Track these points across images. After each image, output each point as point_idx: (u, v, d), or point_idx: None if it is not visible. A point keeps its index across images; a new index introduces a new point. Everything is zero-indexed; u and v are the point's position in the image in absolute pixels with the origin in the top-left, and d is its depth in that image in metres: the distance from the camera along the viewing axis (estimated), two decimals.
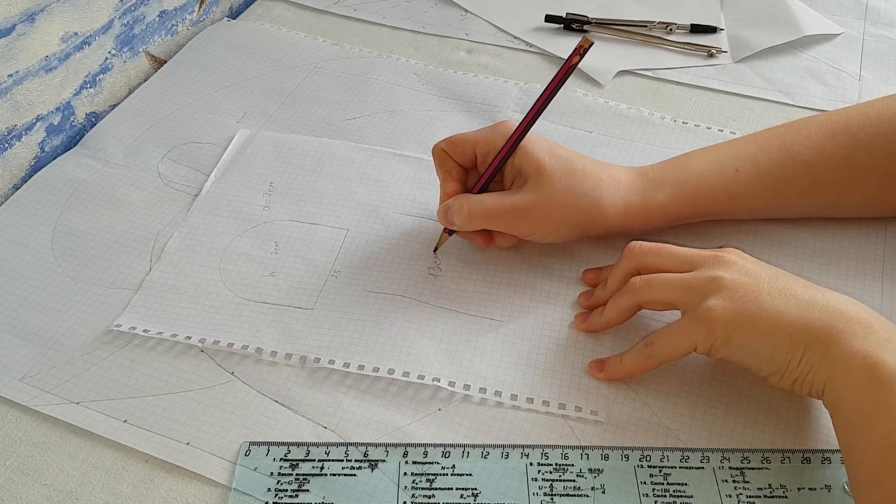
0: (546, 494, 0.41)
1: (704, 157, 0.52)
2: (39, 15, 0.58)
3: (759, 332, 0.40)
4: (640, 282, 0.45)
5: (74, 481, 0.42)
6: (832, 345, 0.39)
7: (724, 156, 0.51)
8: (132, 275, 0.53)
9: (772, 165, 0.51)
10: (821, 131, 0.51)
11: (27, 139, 0.60)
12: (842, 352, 0.38)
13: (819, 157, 0.50)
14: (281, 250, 0.54)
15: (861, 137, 0.50)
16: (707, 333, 0.41)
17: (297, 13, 0.77)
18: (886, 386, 0.36)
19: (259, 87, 0.68)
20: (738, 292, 0.41)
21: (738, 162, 0.51)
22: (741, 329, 0.40)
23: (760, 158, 0.51)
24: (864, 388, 0.37)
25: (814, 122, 0.52)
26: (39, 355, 0.48)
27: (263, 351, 0.48)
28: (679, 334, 0.43)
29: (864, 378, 0.37)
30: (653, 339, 0.44)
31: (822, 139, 0.51)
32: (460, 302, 0.50)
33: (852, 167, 0.50)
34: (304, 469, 0.42)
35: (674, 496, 0.41)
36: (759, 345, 0.41)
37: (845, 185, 0.51)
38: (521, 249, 0.53)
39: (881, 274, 0.52)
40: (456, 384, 0.46)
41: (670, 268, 0.45)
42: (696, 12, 0.75)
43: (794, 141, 0.51)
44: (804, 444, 0.43)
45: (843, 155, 0.50)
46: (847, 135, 0.50)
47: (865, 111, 0.51)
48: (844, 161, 0.50)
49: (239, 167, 0.60)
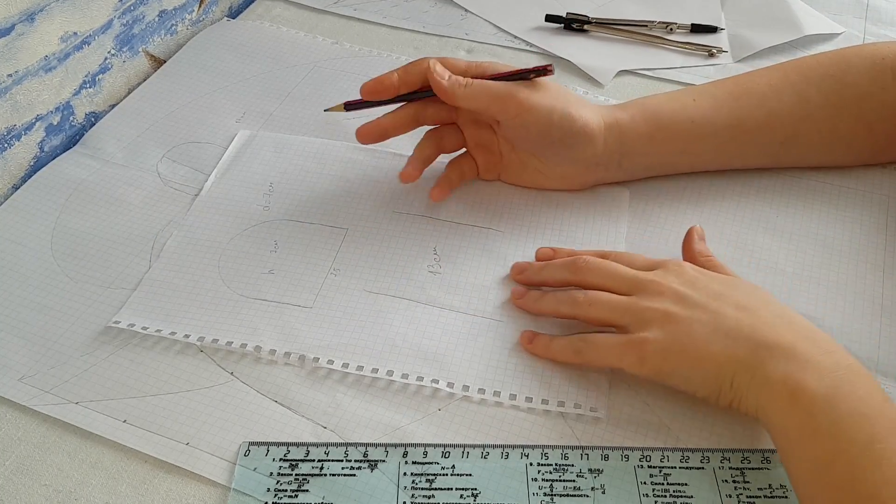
0: (546, 494, 0.41)
1: (665, 94, 0.56)
2: (39, 15, 0.58)
3: (688, 362, 0.42)
4: (582, 298, 0.46)
5: (74, 481, 0.42)
6: (756, 372, 0.40)
7: (682, 92, 0.56)
8: (132, 275, 0.52)
9: (726, 97, 0.54)
10: (771, 72, 0.56)
11: (27, 139, 0.60)
12: (766, 378, 0.39)
13: (771, 91, 0.54)
14: (280, 249, 0.54)
15: (811, 77, 0.54)
16: (637, 361, 0.43)
17: (297, 13, 0.77)
18: (807, 409, 0.37)
19: (259, 86, 0.68)
20: (671, 322, 0.42)
21: (694, 94, 0.55)
22: (671, 359, 0.42)
23: (714, 91, 0.55)
24: (788, 413, 0.38)
25: (766, 67, 0.57)
26: (39, 355, 0.48)
27: (262, 349, 0.48)
28: (610, 351, 0.44)
29: (788, 403, 0.38)
30: (587, 340, 0.45)
31: (773, 77, 0.55)
32: (459, 301, 0.50)
33: (803, 101, 0.54)
34: (304, 469, 0.42)
35: (674, 496, 0.41)
36: (689, 373, 0.42)
37: (799, 119, 0.54)
38: (520, 247, 0.53)
39: (882, 265, 0.52)
40: (455, 385, 0.46)
41: (611, 287, 0.46)
42: (697, 12, 0.75)
43: (746, 79, 0.56)
44: None
45: (794, 90, 0.54)
46: (797, 74, 0.55)
47: (817, 57, 0.56)
48: (796, 96, 0.54)
49: (239, 167, 0.60)
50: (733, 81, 0.56)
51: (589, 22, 0.73)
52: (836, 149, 0.57)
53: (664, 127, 0.54)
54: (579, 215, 0.56)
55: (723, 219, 0.55)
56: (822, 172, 0.58)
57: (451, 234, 0.55)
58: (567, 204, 0.56)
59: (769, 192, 0.57)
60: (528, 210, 0.56)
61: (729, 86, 0.55)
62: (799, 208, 0.56)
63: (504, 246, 0.54)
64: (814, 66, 0.55)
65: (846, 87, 0.54)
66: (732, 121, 0.54)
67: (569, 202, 0.56)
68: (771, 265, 0.53)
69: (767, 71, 0.56)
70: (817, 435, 0.37)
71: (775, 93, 0.54)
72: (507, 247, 0.54)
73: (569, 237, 0.54)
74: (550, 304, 0.48)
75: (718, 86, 0.56)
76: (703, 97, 0.55)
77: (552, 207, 0.56)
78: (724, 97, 0.54)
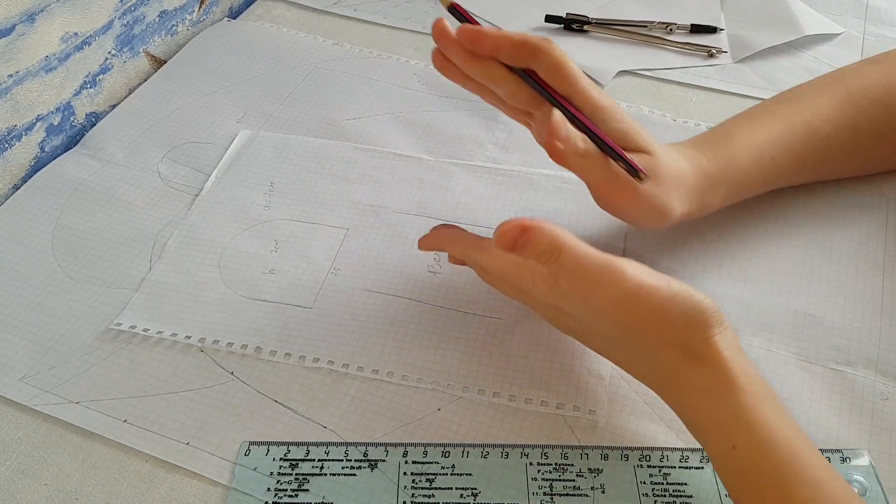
0: (546, 494, 0.41)
1: (749, 148, 0.51)
2: (39, 15, 0.58)
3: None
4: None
5: (74, 481, 0.42)
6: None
7: (762, 142, 0.51)
8: (132, 275, 0.53)
9: (799, 147, 0.52)
10: (830, 104, 0.52)
11: (27, 139, 0.60)
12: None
13: (833, 130, 0.52)
14: (281, 248, 0.54)
15: (861, 105, 0.52)
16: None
17: (297, 13, 0.78)
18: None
19: (259, 87, 0.68)
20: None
21: (774, 149, 0.51)
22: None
23: (791, 141, 0.52)
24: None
25: (821, 94, 0.53)
26: (39, 355, 0.48)
27: (263, 350, 0.48)
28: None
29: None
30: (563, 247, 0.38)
31: (832, 112, 0.52)
32: (459, 300, 0.50)
33: (856, 136, 0.53)
34: (304, 469, 0.42)
35: (673, 496, 0.41)
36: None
37: (850, 154, 0.54)
38: None
39: (882, 265, 0.52)
40: (455, 386, 0.46)
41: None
42: (696, 12, 0.75)
43: (813, 118, 0.52)
44: None
45: (850, 125, 0.52)
46: (852, 104, 0.52)
47: (861, 79, 0.53)
48: (850, 131, 0.52)
49: (240, 167, 0.60)
50: (803, 122, 0.52)
51: (589, 22, 0.73)
52: (869, 168, 0.57)
53: (741, 192, 0.52)
54: (580, 214, 0.56)
55: (723, 218, 0.55)
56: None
57: None
58: (567, 203, 0.56)
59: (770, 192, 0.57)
60: (528, 209, 0.56)
61: (800, 129, 0.52)
62: (799, 208, 0.56)
63: None
64: (863, 90, 0.53)
65: (891, 115, 0.53)
66: (797, 171, 0.53)
67: (570, 199, 0.56)
68: (771, 265, 0.53)
69: (828, 100, 0.53)
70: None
71: (835, 131, 0.52)
72: None
73: None
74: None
75: (791, 131, 0.51)
76: (782, 154, 0.51)
77: (553, 206, 0.56)
78: (798, 146, 0.52)
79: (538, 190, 0.58)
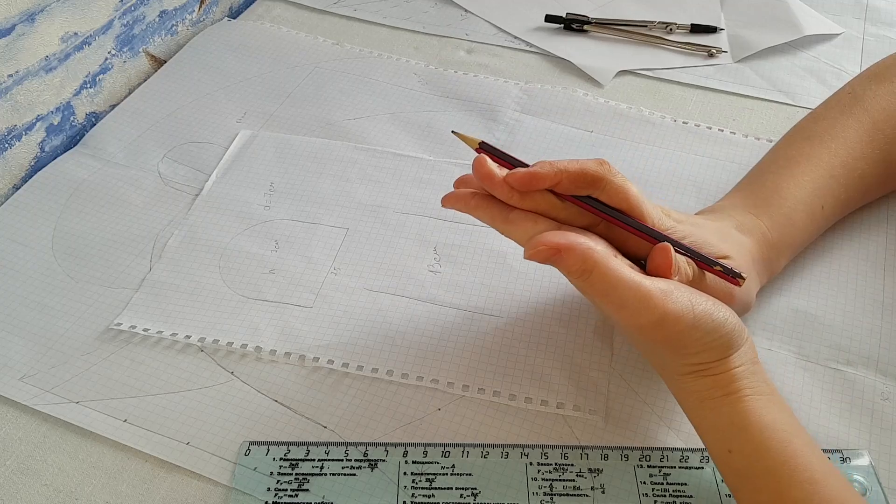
0: (546, 494, 0.41)
1: (801, 203, 0.49)
2: (39, 15, 0.58)
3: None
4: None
5: (74, 481, 0.42)
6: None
7: (809, 195, 0.50)
8: (132, 274, 0.53)
9: (842, 192, 0.51)
10: (860, 137, 0.52)
11: (27, 139, 0.60)
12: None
13: (867, 165, 0.52)
14: (281, 248, 0.54)
15: (889, 134, 0.52)
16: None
17: (298, 13, 0.78)
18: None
19: (259, 86, 0.68)
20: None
21: (822, 199, 0.50)
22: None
23: (835, 187, 0.51)
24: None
25: (848, 127, 0.52)
26: (39, 355, 0.48)
27: (262, 349, 0.48)
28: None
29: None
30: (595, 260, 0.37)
31: (864, 147, 0.51)
32: (459, 300, 0.50)
33: (888, 166, 0.53)
34: (304, 469, 0.42)
35: (673, 496, 0.41)
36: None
37: (882, 184, 0.54)
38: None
39: (882, 264, 0.52)
40: (455, 384, 0.46)
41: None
42: (696, 12, 0.75)
43: (847, 156, 0.51)
44: None
45: (881, 158, 0.52)
46: (881, 136, 0.52)
47: (880, 102, 0.53)
48: (883, 164, 0.52)
49: (240, 167, 0.60)
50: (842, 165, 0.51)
51: (589, 22, 0.73)
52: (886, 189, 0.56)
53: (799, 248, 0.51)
54: None
55: None
56: None
57: (451, 233, 0.55)
58: None
59: None
60: None
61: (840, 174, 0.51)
62: None
63: (504, 244, 0.54)
64: (887, 118, 0.52)
65: None
66: (843, 211, 0.53)
67: None
68: None
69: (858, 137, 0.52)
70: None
71: (869, 167, 0.52)
72: (507, 245, 0.54)
73: None
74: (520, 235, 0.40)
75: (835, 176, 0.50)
76: (829, 202, 0.50)
77: None
78: (841, 192, 0.51)
79: None
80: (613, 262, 0.37)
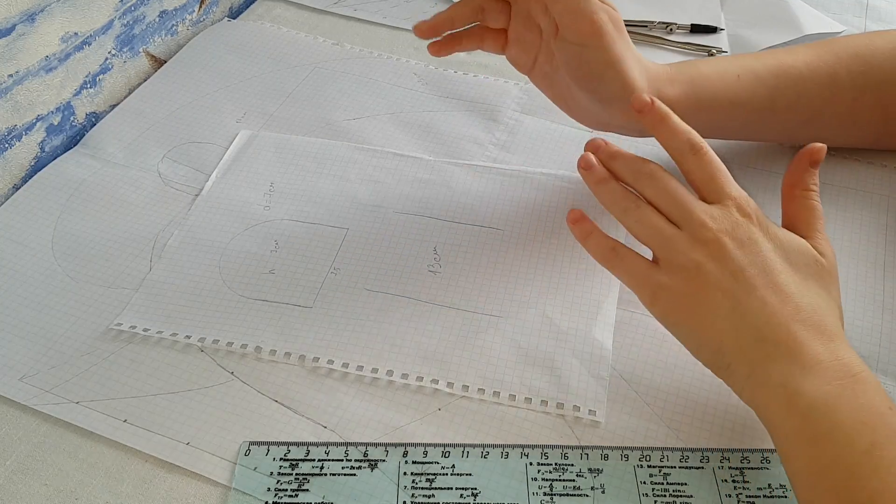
0: (546, 494, 0.41)
1: (712, 63, 0.55)
2: (39, 15, 0.58)
3: (692, 325, 0.41)
4: (633, 211, 0.44)
5: (74, 481, 0.42)
6: (756, 369, 0.39)
7: (728, 63, 0.55)
8: (132, 275, 0.53)
9: (767, 75, 0.54)
10: (808, 49, 0.56)
11: (27, 139, 0.60)
12: (763, 380, 0.39)
13: (807, 69, 0.54)
14: (281, 248, 0.54)
15: (842, 56, 0.55)
16: (649, 300, 0.42)
17: (298, 13, 0.78)
18: (804, 415, 0.37)
19: (259, 86, 0.68)
20: (696, 278, 0.41)
21: (740, 69, 0.54)
22: (678, 313, 0.41)
23: (758, 67, 0.54)
24: (784, 418, 0.38)
25: (802, 44, 0.57)
26: (39, 355, 0.48)
27: (262, 349, 0.48)
28: (632, 276, 0.43)
29: (784, 409, 0.38)
30: (619, 253, 0.44)
31: (809, 55, 0.55)
32: (460, 300, 0.50)
33: (833, 82, 0.54)
34: (304, 469, 0.42)
35: (673, 496, 0.41)
36: (690, 334, 0.42)
37: (826, 99, 0.55)
38: (521, 245, 0.53)
39: (882, 265, 0.52)
40: (455, 385, 0.46)
41: (664, 209, 0.43)
42: (697, 12, 0.75)
43: (785, 55, 0.55)
44: None
45: (827, 70, 0.54)
46: (831, 54, 0.55)
47: (847, 39, 0.57)
48: (827, 76, 0.54)
49: (240, 167, 0.60)
50: (773, 56, 0.55)
51: None
52: (852, 131, 0.57)
53: (704, 105, 0.53)
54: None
55: None
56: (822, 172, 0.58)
57: (451, 233, 0.55)
58: (569, 200, 0.56)
59: (770, 191, 0.57)
60: (529, 208, 0.56)
61: (771, 62, 0.55)
62: None
63: (504, 245, 0.54)
64: (844, 46, 0.55)
65: (871, 69, 0.54)
66: (767, 101, 0.54)
67: (571, 198, 0.56)
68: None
69: (804, 48, 0.56)
70: (815, 440, 0.36)
71: (810, 72, 0.54)
72: (507, 245, 0.54)
73: (569, 235, 0.54)
74: (605, 196, 0.45)
75: (763, 60, 0.55)
76: (747, 74, 0.54)
77: (553, 205, 0.56)
78: (766, 75, 0.54)
79: (538, 189, 0.57)
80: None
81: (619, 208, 0.44)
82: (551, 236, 0.54)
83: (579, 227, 0.46)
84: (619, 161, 0.46)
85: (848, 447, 0.35)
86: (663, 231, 0.42)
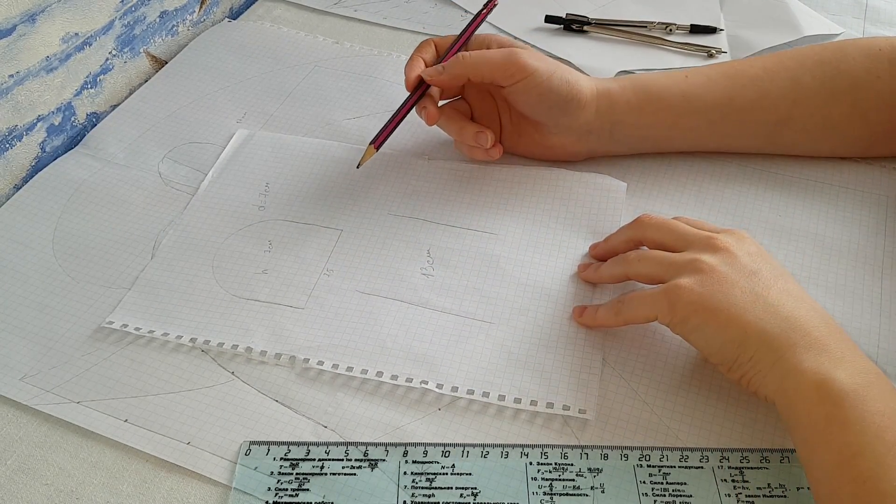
0: (546, 494, 0.41)
1: (655, 72, 0.57)
2: (40, 15, 0.58)
3: (715, 322, 0.41)
4: (633, 255, 0.47)
5: (75, 481, 0.42)
6: (784, 356, 0.39)
7: (674, 71, 0.57)
8: (133, 275, 0.53)
9: (719, 76, 0.55)
10: (767, 57, 0.57)
11: (28, 139, 0.60)
12: (792, 366, 0.39)
13: (765, 73, 0.55)
14: (274, 249, 0.54)
15: (805, 63, 0.55)
16: (669, 308, 0.43)
17: (298, 13, 0.78)
18: (837, 402, 0.37)
19: (259, 87, 0.68)
20: (712, 278, 0.42)
21: (687, 72, 0.56)
22: (700, 313, 0.42)
23: (707, 71, 0.56)
24: (815, 404, 0.38)
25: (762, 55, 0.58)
26: (40, 355, 0.48)
27: (253, 350, 0.48)
28: (645, 302, 0.44)
29: (815, 394, 0.38)
30: (624, 298, 0.46)
31: (768, 61, 0.56)
32: (451, 303, 0.50)
33: (796, 84, 0.55)
34: (305, 468, 0.42)
35: (673, 495, 0.41)
36: (712, 334, 0.42)
37: (791, 102, 0.55)
38: (514, 249, 0.53)
39: (881, 265, 0.52)
40: (444, 386, 0.46)
41: (669, 243, 0.46)
42: (696, 12, 0.76)
43: (741, 62, 0.57)
44: None
45: (788, 74, 0.55)
46: (792, 60, 0.55)
47: (813, 47, 0.57)
48: (789, 80, 0.55)
49: (236, 167, 0.60)
50: (728, 64, 0.57)
51: (588, 23, 0.73)
52: (831, 136, 0.57)
53: (654, 99, 0.54)
54: (575, 215, 0.56)
55: (722, 218, 0.55)
56: (821, 172, 0.58)
57: (445, 236, 0.55)
58: (562, 203, 0.56)
59: (769, 191, 0.57)
60: (522, 213, 0.56)
61: (723, 67, 0.57)
62: (798, 208, 0.56)
63: (497, 249, 0.54)
64: (809, 53, 0.56)
65: (841, 74, 0.54)
66: (723, 98, 0.55)
67: (564, 201, 0.56)
68: None
69: (763, 57, 0.57)
70: (845, 427, 0.36)
71: (769, 75, 0.55)
72: (501, 249, 0.54)
73: (564, 238, 0.54)
74: (606, 271, 0.49)
75: (713, 67, 0.57)
76: (695, 75, 0.56)
77: (546, 209, 0.56)
78: (717, 76, 0.55)
79: (537, 189, 0.57)
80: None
81: (620, 267, 0.48)
82: (545, 241, 0.54)
83: (586, 317, 0.48)
84: (616, 231, 0.51)
85: (878, 437, 0.36)
86: (669, 256, 0.45)
